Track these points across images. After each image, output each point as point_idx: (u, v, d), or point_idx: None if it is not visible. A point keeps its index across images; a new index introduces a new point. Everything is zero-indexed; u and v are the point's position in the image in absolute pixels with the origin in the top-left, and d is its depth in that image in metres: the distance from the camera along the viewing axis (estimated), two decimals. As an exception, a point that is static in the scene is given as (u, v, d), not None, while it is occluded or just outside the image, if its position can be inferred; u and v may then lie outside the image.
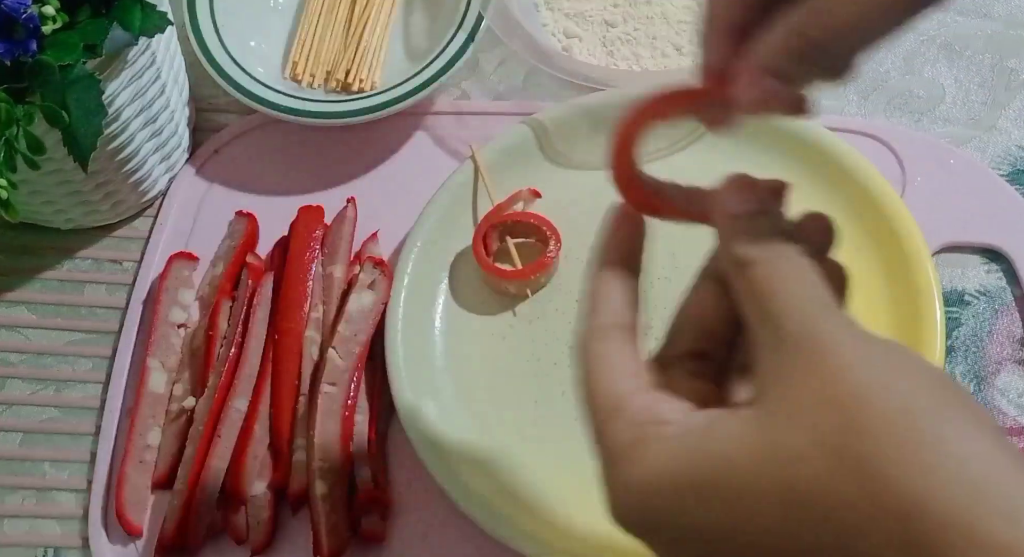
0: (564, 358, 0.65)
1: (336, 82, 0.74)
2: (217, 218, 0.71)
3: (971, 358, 0.65)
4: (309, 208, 0.69)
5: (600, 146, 0.72)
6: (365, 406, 0.63)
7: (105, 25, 0.58)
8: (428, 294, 0.67)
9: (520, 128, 0.69)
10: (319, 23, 0.76)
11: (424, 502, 0.62)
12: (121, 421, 0.65)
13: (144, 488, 0.63)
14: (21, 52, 0.55)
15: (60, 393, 0.68)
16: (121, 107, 0.62)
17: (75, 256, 0.71)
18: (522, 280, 0.66)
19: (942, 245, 0.67)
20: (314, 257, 0.67)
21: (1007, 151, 0.71)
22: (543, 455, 0.62)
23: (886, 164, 0.68)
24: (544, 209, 0.68)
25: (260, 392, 0.63)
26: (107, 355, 0.68)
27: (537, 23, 0.75)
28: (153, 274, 0.69)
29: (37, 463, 0.66)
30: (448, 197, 0.68)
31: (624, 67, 0.73)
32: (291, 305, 0.65)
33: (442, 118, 0.74)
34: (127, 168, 0.67)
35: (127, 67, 0.61)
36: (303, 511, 0.62)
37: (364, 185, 0.72)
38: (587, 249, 0.67)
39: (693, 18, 0.74)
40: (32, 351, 0.69)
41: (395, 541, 0.62)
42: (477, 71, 0.76)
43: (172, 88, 0.68)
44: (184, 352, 0.67)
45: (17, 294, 0.70)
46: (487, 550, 0.60)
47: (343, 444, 0.61)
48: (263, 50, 0.76)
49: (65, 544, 0.63)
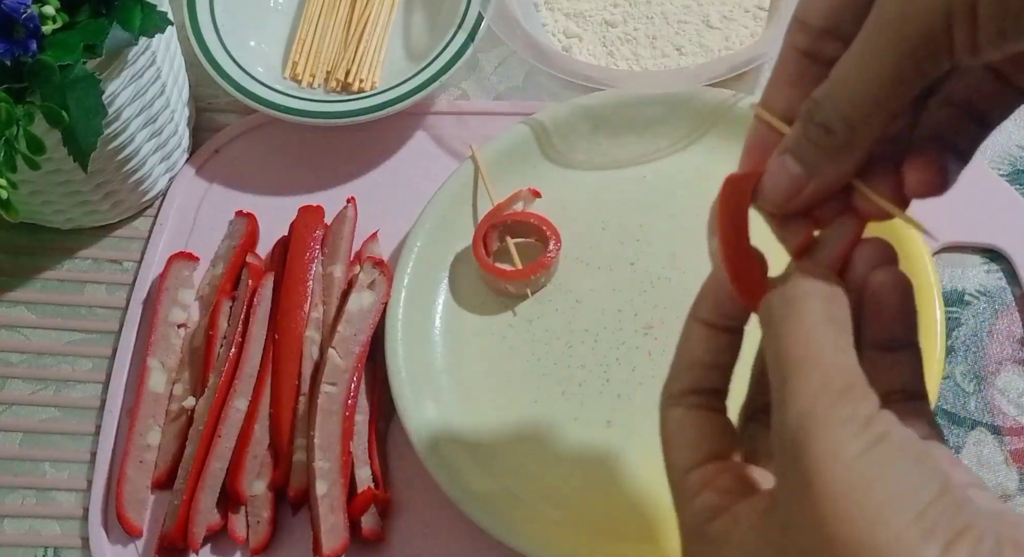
0: (564, 358, 0.65)
1: (336, 82, 0.74)
2: (217, 218, 0.71)
3: (971, 358, 0.65)
4: (309, 208, 0.69)
5: (600, 146, 0.72)
6: (365, 406, 0.63)
7: (105, 25, 0.57)
8: (428, 294, 0.67)
9: (520, 128, 0.69)
10: (319, 23, 0.76)
11: (424, 502, 0.62)
12: (121, 421, 0.65)
13: (144, 488, 0.63)
14: (21, 52, 0.55)
15: (60, 393, 0.68)
16: (121, 107, 0.62)
17: (75, 256, 0.71)
18: (522, 280, 0.65)
19: (942, 245, 0.67)
20: (314, 257, 0.67)
21: (1007, 151, 0.71)
22: (543, 455, 0.62)
23: (886, 164, 0.68)
24: (544, 209, 0.68)
25: (260, 392, 0.63)
26: (107, 355, 0.68)
27: (537, 23, 0.75)
28: (153, 274, 0.69)
29: (37, 463, 0.66)
30: (448, 197, 0.68)
31: (624, 67, 0.73)
32: (291, 305, 0.65)
33: (442, 118, 0.74)
34: (127, 168, 0.67)
35: (127, 67, 0.61)
36: (303, 511, 0.62)
37: (364, 185, 0.72)
38: (587, 249, 0.68)
39: (693, 18, 0.74)
40: (32, 351, 0.69)
41: (395, 541, 0.62)
42: (477, 71, 0.76)
43: (172, 88, 0.68)
44: (184, 352, 0.67)
45: (17, 294, 0.70)
46: (487, 550, 0.60)
47: (343, 444, 0.61)
48: (263, 50, 0.76)
49: (65, 544, 0.63)
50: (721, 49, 0.73)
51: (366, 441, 0.63)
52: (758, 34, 0.73)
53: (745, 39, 0.73)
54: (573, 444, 0.63)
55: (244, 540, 0.61)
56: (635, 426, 0.63)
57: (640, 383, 0.64)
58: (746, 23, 0.74)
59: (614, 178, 0.69)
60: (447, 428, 0.62)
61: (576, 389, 0.64)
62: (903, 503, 0.31)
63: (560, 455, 0.62)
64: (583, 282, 0.67)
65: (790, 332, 0.35)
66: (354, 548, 0.61)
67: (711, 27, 0.74)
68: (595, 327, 0.65)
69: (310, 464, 0.61)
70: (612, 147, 0.70)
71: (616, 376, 0.64)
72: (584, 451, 0.62)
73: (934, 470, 0.32)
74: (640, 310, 0.65)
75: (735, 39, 0.73)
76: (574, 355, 0.65)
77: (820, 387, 0.33)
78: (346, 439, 0.61)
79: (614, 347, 0.65)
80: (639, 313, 0.65)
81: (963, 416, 0.63)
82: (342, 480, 0.61)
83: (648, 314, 0.65)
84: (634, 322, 0.65)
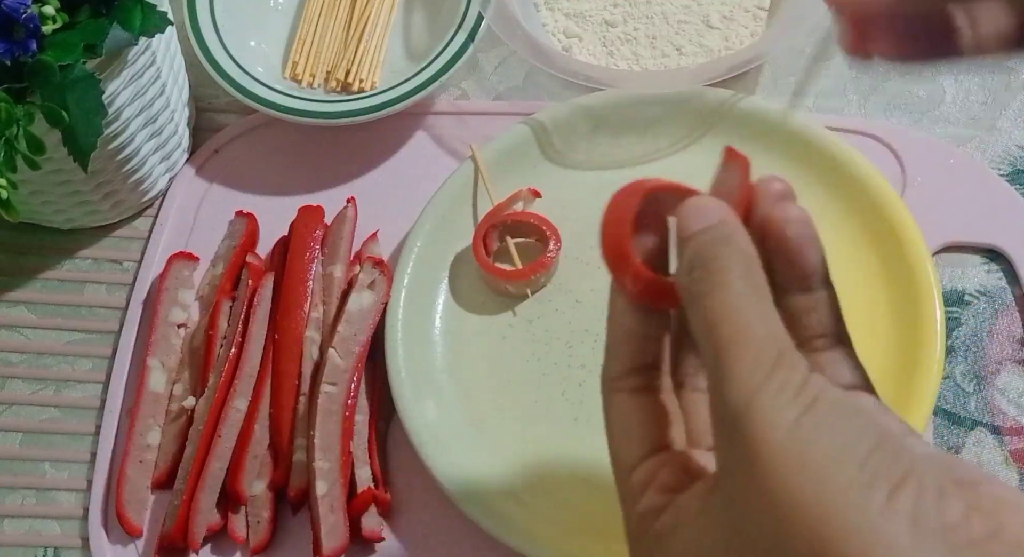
0: (564, 358, 0.65)
1: (336, 82, 0.74)
2: (217, 218, 0.71)
3: (971, 358, 0.65)
4: (309, 208, 0.69)
5: (600, 146, 0.72)
6: (365, 406, 0.63)
7: (105, 25, 0.57)
8: (428, 294, 0.67)
9: (520, 128, 0.69)
10: (319, 23, 0.76)
11: (424, 502, 0.62)
12: (121, 421, 0.65)
13: (144, 488, 0.63)
14: (21, 52, 0.55)
15: (60, 393, 0.68)
16: (121, 107, 0.62)
17: (75, 256, 0.71)
18: (522, 280, 0.66)
19: (942, 245, 0.67)
20: (314, 257, 0.67)
21: (1007, 151, 0.71)
22: (543, 455, 0.62)
23: (886, 164, 0.68)
24: (544, 209, 0.68)
25: (260, 392, 0.63)
26: (107, 355, 0.68)
27: (537, 23, 0.75)
28: (153, 274, 0.69)
29: (37, 463, 0.66)
30: (448, 197, 0.68)
31: (624, 67, 0.73)
32: (291, 305, 0.65)
33: (442, 118, 0.74)
34: (127, 168, 0.67)
35: (127, 67, 0.61)
36: (303, 511, 0.62)
37: (364, 185, 0.72)
38: (587, 249, 0.68)
39: (693, 18, 0.74)
40: (32, 351, 0.69)
41: (395, 541, 0.62)
42: (477, 71, 0.76)
43: (172, 88, 0.68)
44: (184, 352, 0.67)
45: (17, 294, 0.70)
46: (487, 550, 0.60)
47: (343, 444, 0.61)
48: (263, 50, 0.76)
49: (65, 544, 0.63)
50: (721, 49, 0.73)
51: (366, 441, 0.63)
52: (758, 34, 0.73)
53: (745, 39, 0.73)
54: (573, 444, 0.63)
55: (244, 540, 0.61)
56: (635, 426, 0.62)
57: (640, 383, 0.64)
58: (746, 23, 0.74)
59: (614, 178, 0.69)
60: (447, 428, 0.62)
61: (576, 389, 0.64)
62: (843, 459, 0.32)
63: (560, 455, 0.62)
64: (583, 282, 0.67)
65: (715, 310, 0.35)
66: (354, 548, 0.61)
67: (711, 27, 0.74)
68: (595, 327, 0.65)
69: (310, 464, 0.61)
70: (612, 147, 0.70)
71: (616, 376, 0.64)
72: (584, 451, 0.62)
73: (869, 424, 0.33)
74: (640, 310, 0.65)
75: (735, 39, 0.73)
76: (574, 355, 0.65)
77: (753, 361, 0.33)
78: (346, 439, 0.61)
79: (614, 347, 0.65)
80: (639, 313, 0.65)
81: (963, 416, 0.63)
82: (342, 480, 0.61)
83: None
84: (634, 322, 0.65)
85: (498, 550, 0.59)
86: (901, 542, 0.30)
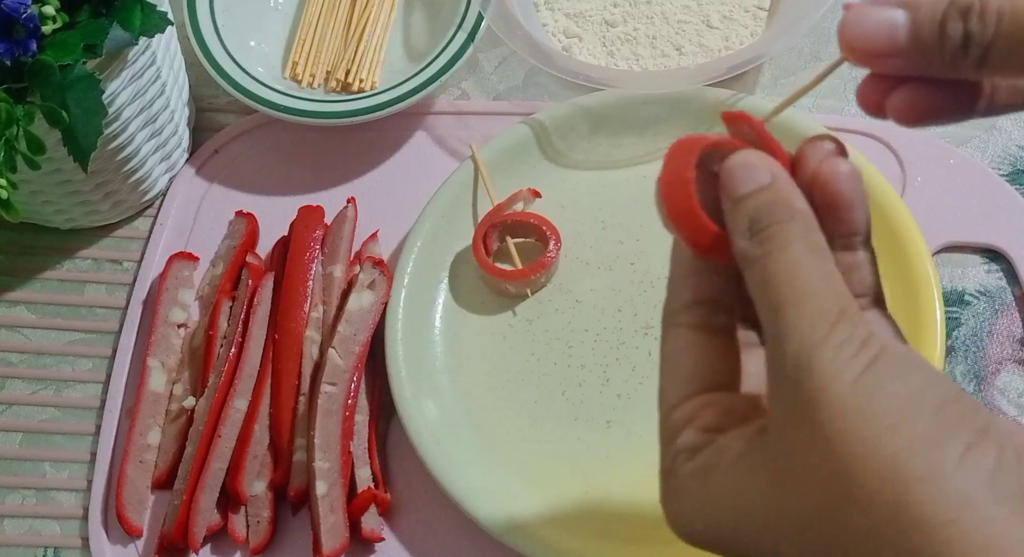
0: (564, 358, 0.65)
1: (336, 82, 0.74)
2: (217, 218, 0.71)
3: (971, 358, 0.65)
4: (309, 208, 0.69)
5: (600, 146, 0.72)
6: (365, 406, 0.63)
7: (105, 25, 0.57)
8: (428, 294, 0.67)
9: (520, 128, 0.69)
10: (319, 23, 0.76)
11: (424, 502, 0.62)
12: (121, 421, 0.65)
13: (144, 488, 0.63)
14: (21, 52, 0.55)
15: (60, 393, 0.68)
16: (121, 107, 0.62)
17: (75, 256, 0.71)
18: (522, 280, 0.66)
19: (942, 245, 0.67)
20: (314, 257, 0.67)
21: (1007, 151, 0.71)
22: (543, 455, 0.62)
23: (886, 164, 0.68)
24: (544, 209, 0.68)
25: (260, 392, 0.63)
26: (107, 355, 0.68)
27: (537, 23, 0.75)
28: (153, 274, 0.69)
29: (37, 463, 0.66)
30: (448, 197, 0.68)
31: (624, 67, 0.73)
32: (291, 305, 0.65)
33: (442, 118, 0.74)
34: (127, 168, 0.67)
35: (127, 67, 0.61)
36: (303, 511, 0.62)
37: (364, 185, 0.72)
38: (587, 249, 0.68)
39: (693, 18, 0.74)
40: (32, 351, 0.69)
41: (395, 541, 0.62)
42: (477, 71, 0.76)
43: (172, 88, 0.68)
44: (184, 352, 0.67)
45: (17, 294, 0.70)
46: (487, 550, 0.60)
47: (343, 444, 0.61)
48: (263, 50, 0.76)
49: (65, 544, 0.63)
50: (721, 49, 0.73)
51: (366, 441, 0.63)
52: (758, 34, 0.73)
53: (745, 39, 0.73)
54: (573, 444, 0.63)
55: (244, 540, 0.61)
56: (635, 426, 0.63)
57: (640, 383, 0.64)
58: (746, 23, 0.74)
59: (614, 178, 0.69)
60: (447, 428, 0.62)
61: (576, 389, 0.64)
62: (915, 408, 0.31)
63: (560, 455, 0.62)
64: (583, 282, 0.67)
65: (776, 272, 0.34)
66: (354, 548, 0.61)
67: (711, 27, 0.74)
68: (595, 327, 0.65)
69: (310, 464, 0.61)
70: (612, 147, 0.70)
71: (616, 376, 0.64)
72: (584, 451, 0.62)
73: (940, 376, 0.32)
74: (640, 310, 0.65)
75: (735, 39, 0.73)
76: (574, 355, 0.65)
77: (816, 316, 0.33)
78: (346, 439, 0.61)
79: (614, 347, 0.65)
80: (639, 313, 0.65)
81: (963, 416, 0.63)
82: (342, 480, 0.61)
83: (648, 314, 0.65)
84: (634, 322, 0.65)
85: (498, 550, 0.59)
86: (976, 498, 0.29)
